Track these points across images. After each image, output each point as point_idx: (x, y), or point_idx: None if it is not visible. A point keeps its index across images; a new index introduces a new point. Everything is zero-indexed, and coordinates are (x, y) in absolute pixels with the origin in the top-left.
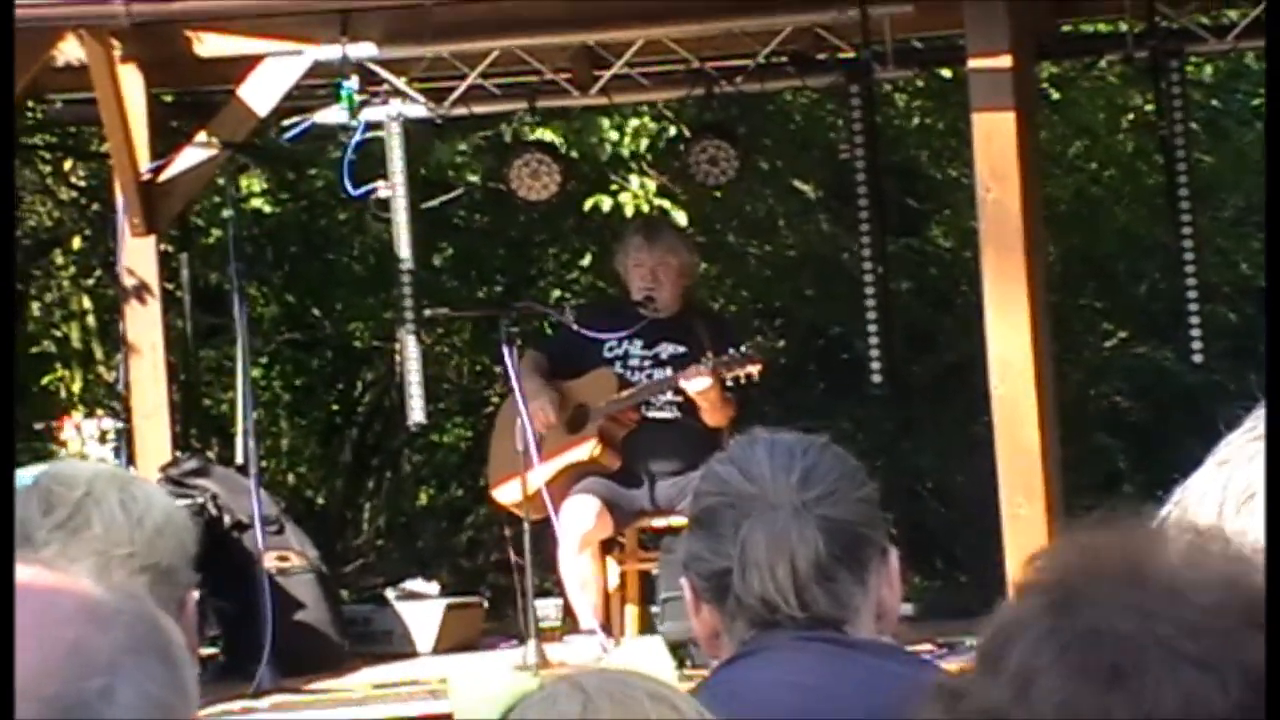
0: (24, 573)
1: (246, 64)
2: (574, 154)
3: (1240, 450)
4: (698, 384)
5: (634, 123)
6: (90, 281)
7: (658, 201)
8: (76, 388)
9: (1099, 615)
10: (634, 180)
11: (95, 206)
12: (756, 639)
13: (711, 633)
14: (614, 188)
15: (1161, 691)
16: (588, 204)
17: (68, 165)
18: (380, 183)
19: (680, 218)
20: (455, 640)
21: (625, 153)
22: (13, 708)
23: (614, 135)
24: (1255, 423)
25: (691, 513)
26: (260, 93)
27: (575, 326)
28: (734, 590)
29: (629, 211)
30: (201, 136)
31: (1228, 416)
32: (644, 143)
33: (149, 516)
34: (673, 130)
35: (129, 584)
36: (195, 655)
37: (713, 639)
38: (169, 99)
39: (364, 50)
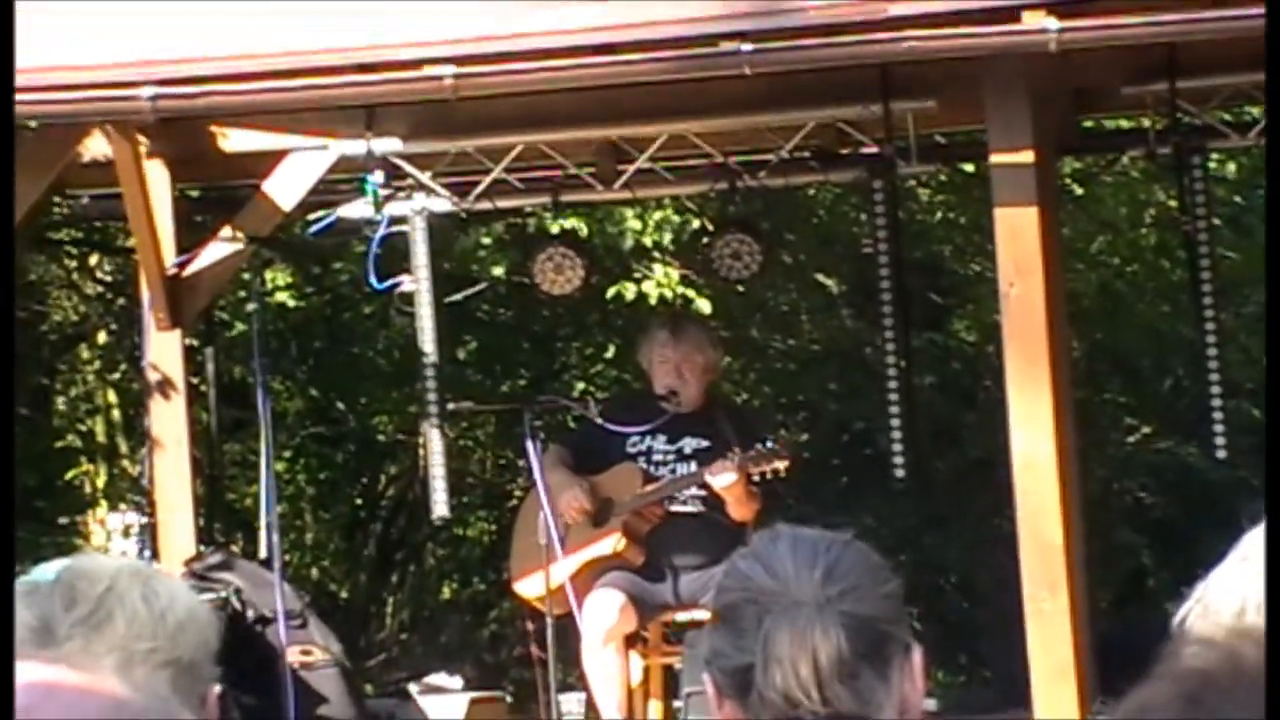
0: (50, 673)
1: (271, 159)
2: (596, 243)
3: (1261, 548)
4: (724, 479)
5: (657, 215)
6: (115, 376)
7: (681, 290)
8: (101, 482)
9: (1222, 709)
10: (657, 269)
11: (120, 301)
12: None
13: None
14: (637, 276)
15: None
16: (611, 291)
17: (93, 260)
18: (404, 276)
19: (704, 306)
20: None
21: (648, 242)
22: (12, 708)
23: (636, 225)
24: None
25: (714, 608)
26: (285, 187)
27: (599, 420)
28: (756, 687)
29: (653, 300)
30: (226, 231)
31: (1251, 512)
32: (667, 235)
33: (172, 611)
34: (695, 223)
35: (153, 682)
36: None
37: None
38: (194, 194)
39: (389, 145)
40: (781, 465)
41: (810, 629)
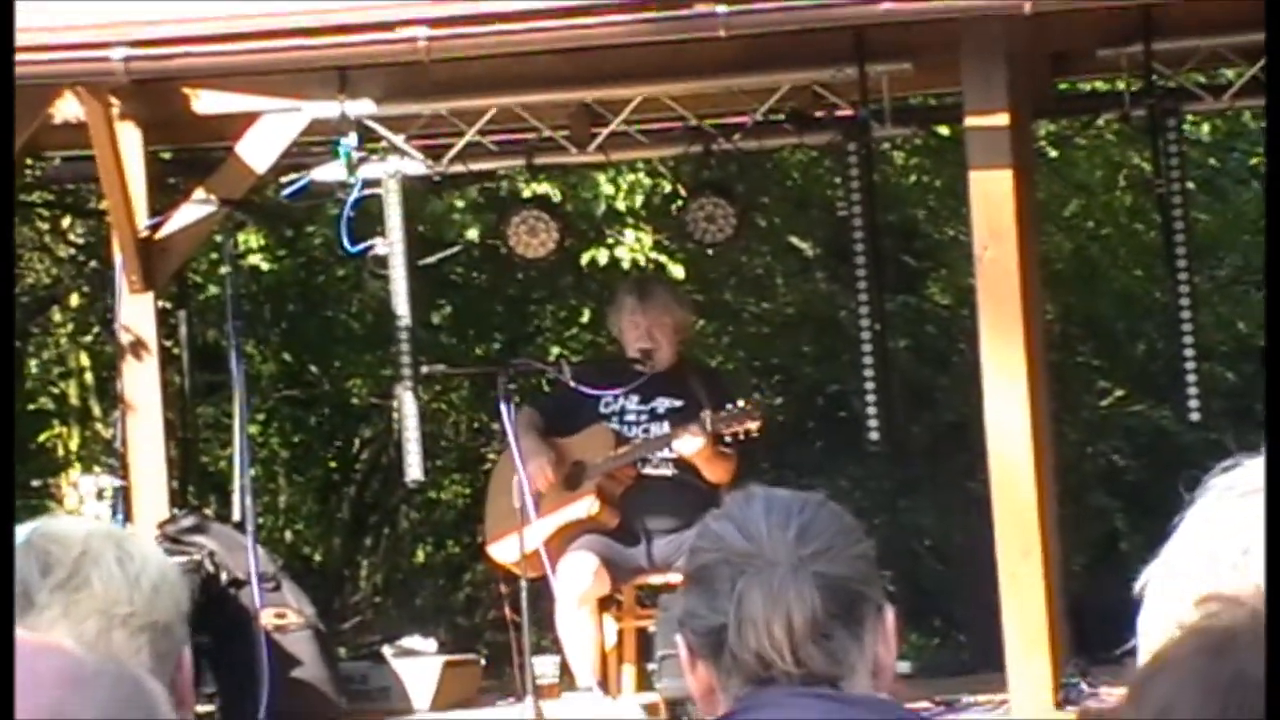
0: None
1: (244, 121)
2: (569, 208)
3: (1228, 508)
4: (691, 445)
5: (629, 178)
6: (88, 338)
7: (654, 256)
8: (74, 445)
9: (1248, 662)
10: (630, 234)
11: (93, 264)
12: (751, 695)
13: (706, 690)
14: (610, 242)
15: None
16: (584, 258)
17: (66, 222)
18: (378, 240)
19: (677, 272)
20: (452, 698)
21: (621, 207)
22: (13, 708)
23: (609, 190)
24: (1236, 480)
25: (687, 570)
26: (258, 150)
27: (573, 383)
28: (729, 647)
29: (626, 265)
30: (199, 193)
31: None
32: (639, 198)
33: (145, 574)
34: (668, 186)
35: (132, 645)
36: (191, 712)
37: (708, 696)
38: (167, 156)
39: (362, 107)
40: (754, 426)
41: (784, 589)
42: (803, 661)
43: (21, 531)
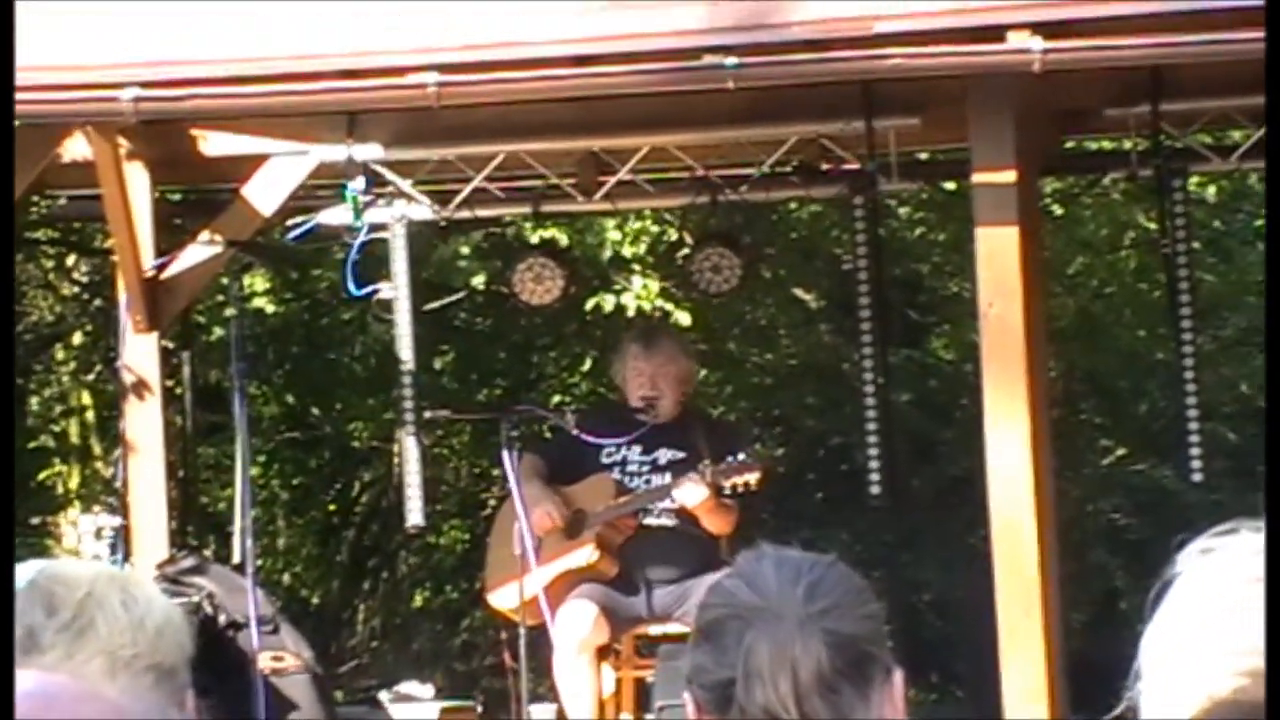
0: (50, 683)
1: (252, 163)
2: (576, 253)
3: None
4: (692, 495)
5: (635, 225)
6: (90, 377)
7: (660, 303)
8: (74, 483)
9: None
10: (636, 281)
11: (97, 302)
12: None
13: None
14: (617, 288)
15: None
16: (590, 303)
17: (70, 260)
18: (383, 284)
19: (684, 319)
20: None
21: (627, 253)
22: (12, 708)
23: (616, 236)
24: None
25: (696, 626)
26: (265, 192)
27: (575, 431)
28: (737, 702)
29: (631, 312)
30: (205, 235)
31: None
32: (645, 244)
33: (150, 616)
34: (673, 234)
35: (137, 687)
36: None
37: None
38: (174, 197)
39: (370, 152)
40: (753, 478)
41: (791, 643)
42: (808, 716)
43: (26, 572)
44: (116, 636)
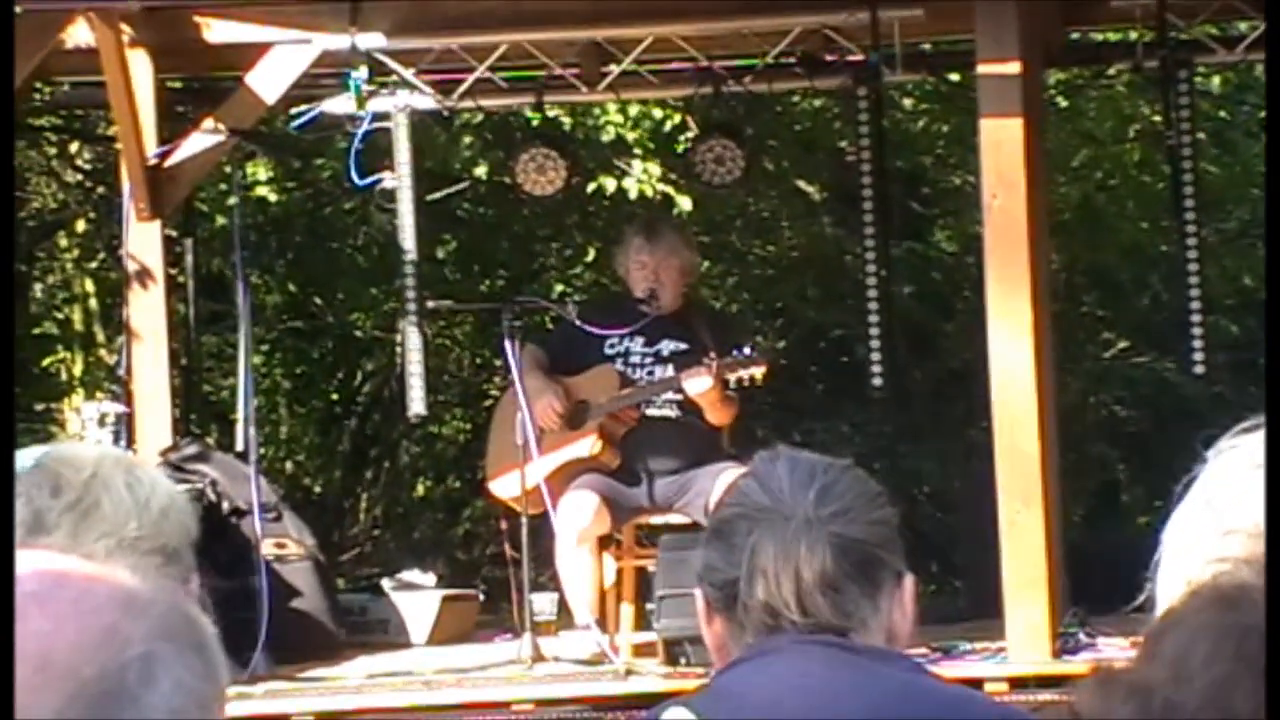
0: (59, 561)
1: (255, 52)
2: (577, 137)
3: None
4: (698, 385)
5: (637, 108)
6: (93, 265)
7: (662, 188)
8: (77, 370)
9: (1257, 615)
10: (637, 165)
11: (100, 190)
12: (759, 644)
13: (720, 644)
14: (618, 172)
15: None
16: (591, 186)
17: (73, 148)
18: (386, 173)
19: (685, 204)
20: (450, 632)
21: (629, 137)
22: (12, 708)
23: (618, 119)
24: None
25: (709, 524)
26: (268, 81)
27: (578, 322)
28: (740, 597)
29: (633, 195)
30: (208, 123)
31: (1227, 426)
32: (646, 130)
33: (154, 499)
34: (675, 117)
35: (142, 568)
36: None
37: (721, 651)
38: (177, 85)
39: (373, 40)
40: (758, 372)
41: (796, 543)
42: (809, 612)
43: (30, 456)
44: (121, 517)
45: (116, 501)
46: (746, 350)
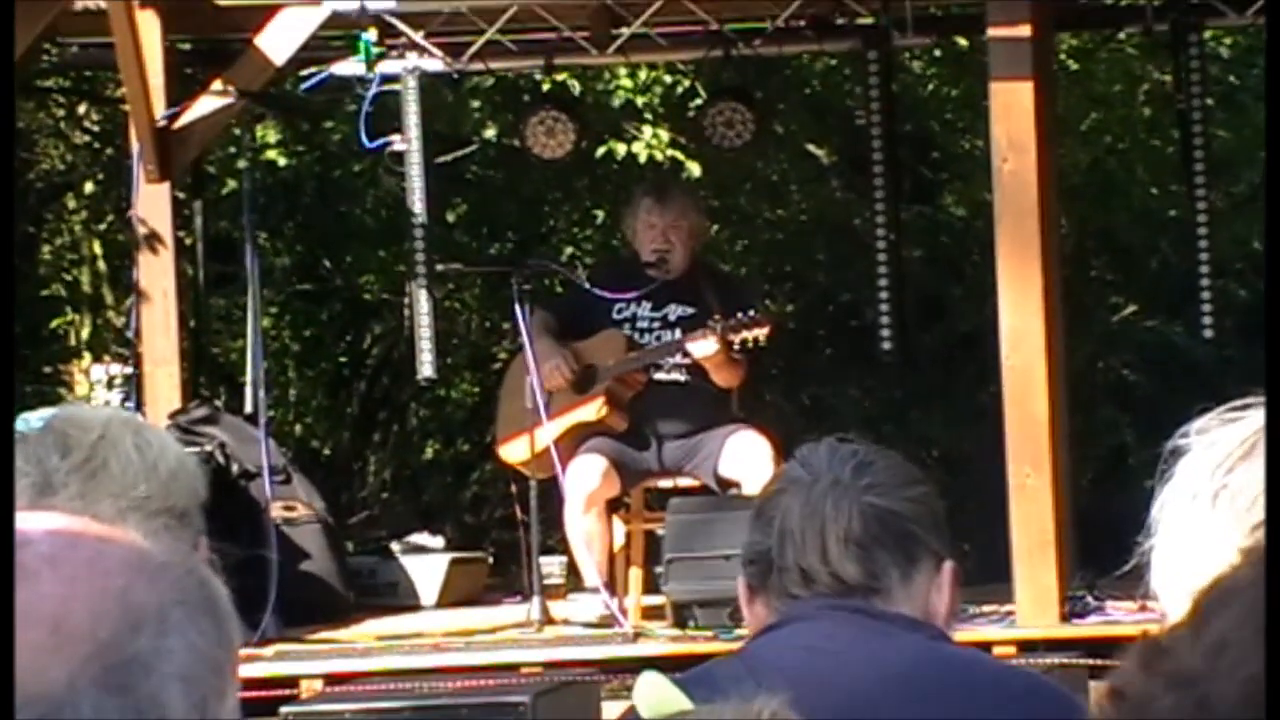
0: (72, 523)
1: (265, 13)
2: (588, 100)
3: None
4: (703, 349)
5: (647, 73)
6: (102, 227)
7: (671, 152)
8: (85, 333)
9: None
10: (647, 130)
11: (109, 152)
12: (788, 609)
13: (760, 626)
14: (628, 136)
15: None
16: (600, 150)
17: (82, 109)
18: (395, 136)
19: (694, 169)
20: (459, 595)
21: (639, 102)
22: (12, 708)
23: (628, 84)
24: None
25: (752, 511)
26: (277, 42)
27: (586, 285)
28: (775, 564)
29: (642, 159)
30: (217, 85)
31: (1238, 392)
32: (657, 95)
33: (163, 461)
34: (686, 82)
35: (149, 529)
36: None
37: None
38: (186, 46)
39: (382, 3)
40: (762, 333)
41: (822, 502)
42: (837, 572)
43: (39, 417)
44: (129, 478)
45: (125, 462)
46: (750, 312)
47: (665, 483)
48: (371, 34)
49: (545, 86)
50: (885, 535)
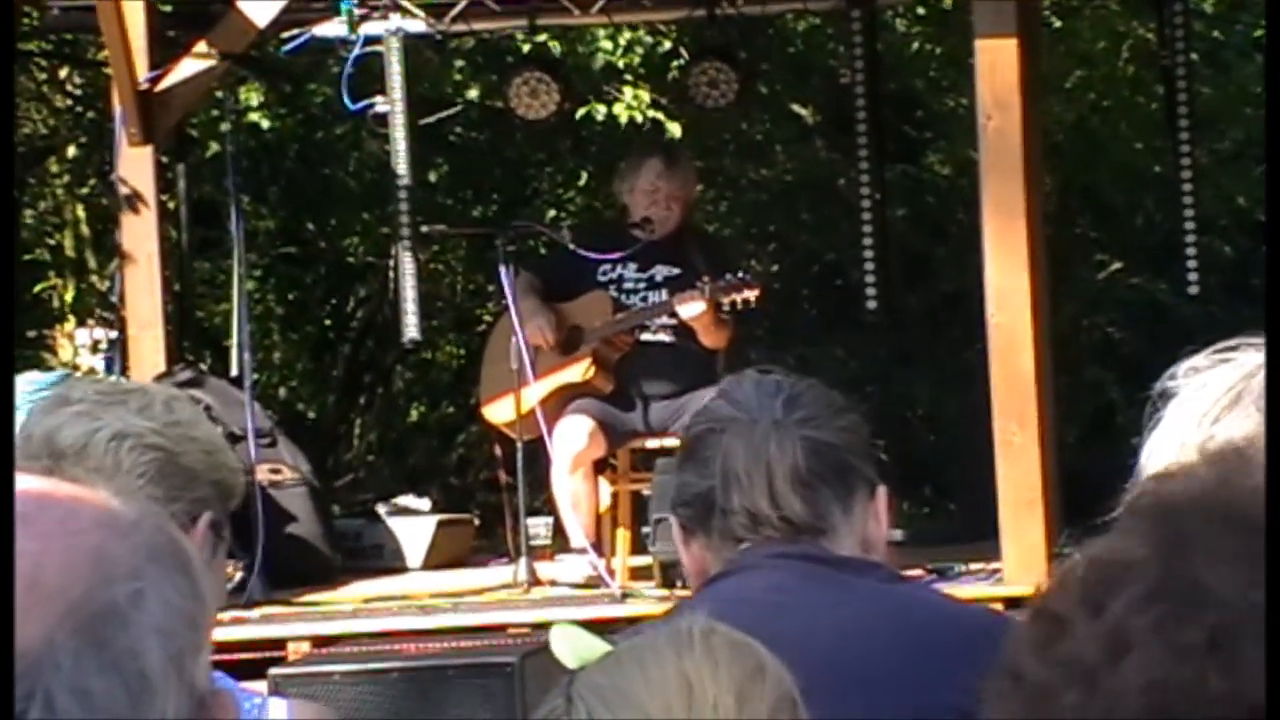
0: (41, 483)
1: None
2: (569, 63)
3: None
4: (692, 309)
5: (628, 35)
6: (85, 190)
7: (652, 113)
8: (69, 297)
9: (1204, 569)
10: (627, 92)
11: (91, 115)
12: (737, 557)
13: (699, 570)
14: (609, 98)
15: (1254, 669)
16: (581, 112)
17: (64, 73)
18: (378, 98)
19: (675, 130)
20: (446, 557)
21: (620, 64)
22: (13, 711)
23: (608, 45)
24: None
25: (680, 449)
26: (259, 5)
27: (571, 247)
28: (718, 505)
29: (623, 121)
30: (200, 47)
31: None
32: (638, 55)
33: (183, 416)
34: (666, 43)
35: (137, 458)
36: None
37: (701, 575)
38: (167, 9)
39: None
40: (752, 295)
41: (766, 443)
42: (785, 514)
43: (28, 379)
44: (143, 413)
45: (145, 402)
46: (740, 274)
47: (652, 443)
48: None
49: (526, 49)
50: (825, 470)
